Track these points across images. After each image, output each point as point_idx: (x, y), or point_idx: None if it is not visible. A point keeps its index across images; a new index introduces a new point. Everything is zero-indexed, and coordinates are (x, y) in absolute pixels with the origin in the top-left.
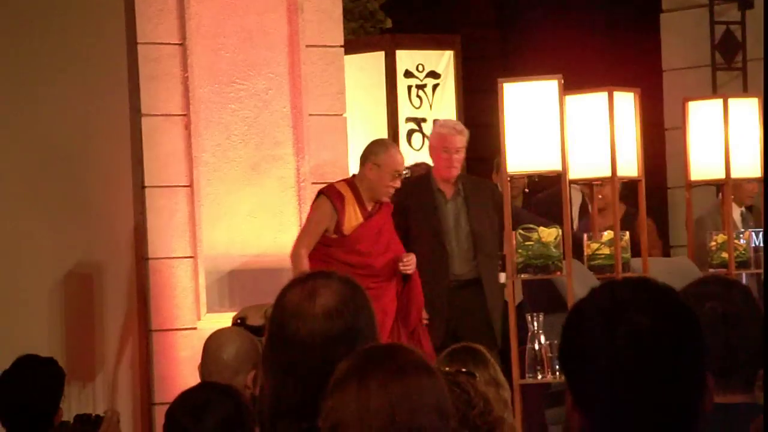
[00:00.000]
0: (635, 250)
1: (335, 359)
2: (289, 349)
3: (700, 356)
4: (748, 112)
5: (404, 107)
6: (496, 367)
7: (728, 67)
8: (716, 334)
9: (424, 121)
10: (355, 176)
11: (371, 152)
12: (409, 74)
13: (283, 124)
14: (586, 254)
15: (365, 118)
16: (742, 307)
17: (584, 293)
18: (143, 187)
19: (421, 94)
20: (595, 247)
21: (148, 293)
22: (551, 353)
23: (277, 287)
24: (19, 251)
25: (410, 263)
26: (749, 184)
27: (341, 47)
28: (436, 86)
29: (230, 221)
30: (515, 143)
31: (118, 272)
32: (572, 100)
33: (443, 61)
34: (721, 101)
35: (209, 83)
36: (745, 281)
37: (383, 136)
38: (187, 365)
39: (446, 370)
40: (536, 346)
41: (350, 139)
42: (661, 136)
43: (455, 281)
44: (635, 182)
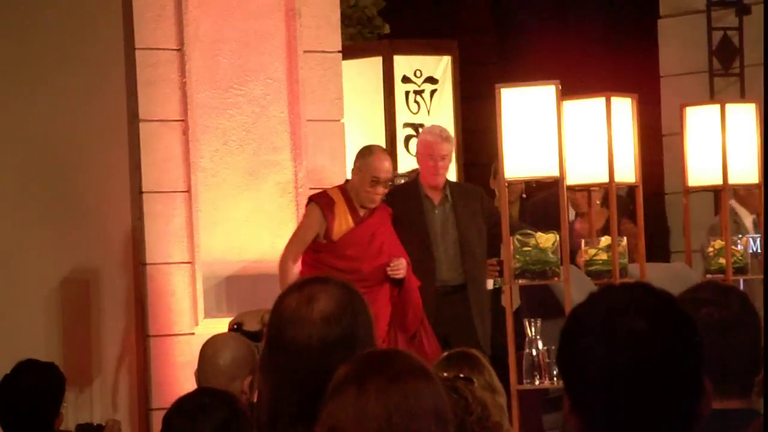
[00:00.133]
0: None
1: (333, 364)
2: (286, 354)
3: (697, 361)
4: (745, 117)
5: (402, 113)
6: (491, 372)
7: (726, 72)
8: (712, 340)
9: (421, 126)
10: (347, 181)
11: (357, 157)
12: (406, 80)
13: (280, 129)
14: (583, 260)
15: (363, 123)
16: (738, 313)
17: (582, 299)
18: (141, 192)
19: (418, 99)
20: (592, 252)
21: (145, 299)
22: (549, 359)
23: (274, 293)
24: (16, 257)
25: (398, 267)
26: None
27: (339, 53)
28: (433, 92)
29: (228, 227)
30: (513, 149)
31: (115, 277)
32: (570, 105)
33: (441, 66)
34: (718, 107)
35: (207, 89)
36: (742, 287)
37: (381, 141)
38: (184, 370)
39: (444, 375)
40: (534, 351)
41: (348, 144)
42: (658, 141)
43: (442, 287)
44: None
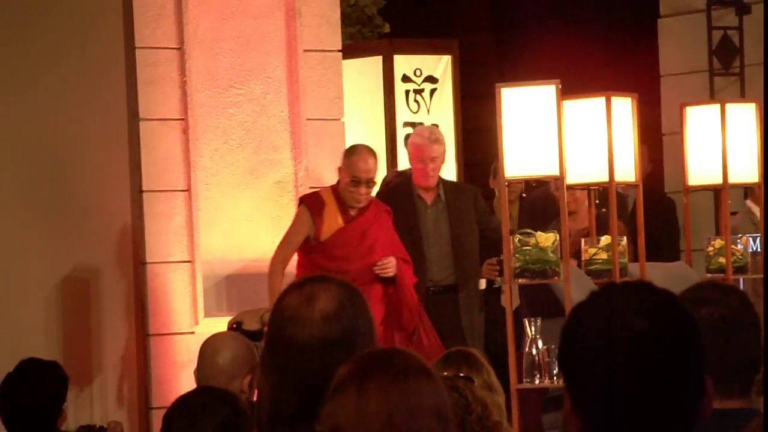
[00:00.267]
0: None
1: (334, 363)
2: (287, 353)
3: (698, 360)
4: (745, 117)
5: (402, 112)
6: (490, 371)
7: (726, 72)
8: (712, 339)
9: (421, 125)
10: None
11: (342, 156)
12: (406, 79)
13: (280, 128)
14: (583, 259)
15: (363, 122)
16: (738, 312)
17: (582, 298)
18: (141, 191)
19: (418, 98)
20: (592, 251)
21: (145, 297)
22: (549, 358)
23: None
24: (16, 256)
25: (387, 266)
26: None
27: (339, 52)
28: (433, 91)
29: (228, 225)
30: (513, 148)
31: (115, 276)
32: (570, 105)
33: (441, 65)
34: (718, 106)
35: (207, 87)
36: (741, 287)
37: (381, 140)
38: (184, 369)
39: (444, 374)
40: (534, 350)
41: (348, 143)
42: (658, 141)
43: (433, 287)
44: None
